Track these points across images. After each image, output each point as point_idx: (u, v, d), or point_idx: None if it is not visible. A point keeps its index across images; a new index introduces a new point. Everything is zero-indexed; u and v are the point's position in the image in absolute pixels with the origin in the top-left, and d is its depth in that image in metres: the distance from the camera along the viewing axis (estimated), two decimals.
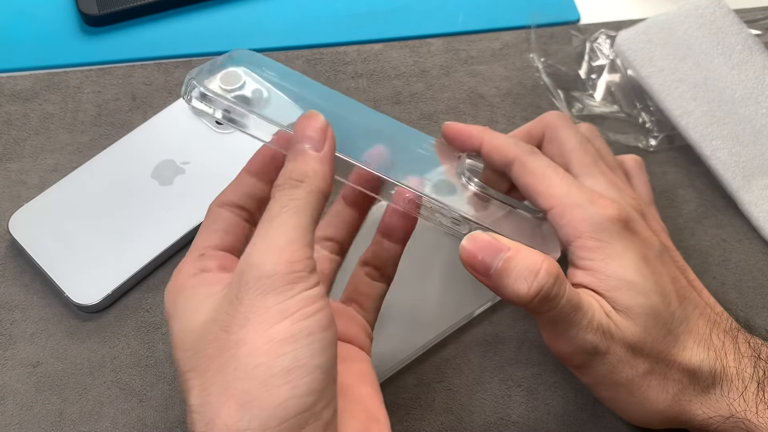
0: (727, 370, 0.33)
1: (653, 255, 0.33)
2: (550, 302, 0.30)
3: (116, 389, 0.38)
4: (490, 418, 0.38)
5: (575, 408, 0.38)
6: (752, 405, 0.32)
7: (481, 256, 0.30)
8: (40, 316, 0.40)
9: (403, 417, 0.38)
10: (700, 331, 0.33)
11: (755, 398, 0.32)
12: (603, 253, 0.32)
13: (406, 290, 0.40)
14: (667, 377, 0.32)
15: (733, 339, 0.34)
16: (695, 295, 0.34)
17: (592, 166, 0.35)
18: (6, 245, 0.42)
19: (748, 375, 0.32)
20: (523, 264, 0.30)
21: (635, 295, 0.31)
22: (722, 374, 0.32)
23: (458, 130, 0.36)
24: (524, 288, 0.30)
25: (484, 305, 0.40)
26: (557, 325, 0.31)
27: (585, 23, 0.53)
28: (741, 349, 0.33)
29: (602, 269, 0.32)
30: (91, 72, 0.49)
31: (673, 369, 0.32)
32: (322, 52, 0.51)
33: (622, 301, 0.31)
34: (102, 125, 0.47)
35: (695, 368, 0.32)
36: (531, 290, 0.30)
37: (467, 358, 0.39)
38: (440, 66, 0.50)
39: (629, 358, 0.31)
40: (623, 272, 0.31)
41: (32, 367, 0.38)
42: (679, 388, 0.32)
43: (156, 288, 0.41)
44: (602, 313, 0.31)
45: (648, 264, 0.32)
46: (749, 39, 0.47)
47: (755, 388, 0.32)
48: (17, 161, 0.45)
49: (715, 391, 0.33)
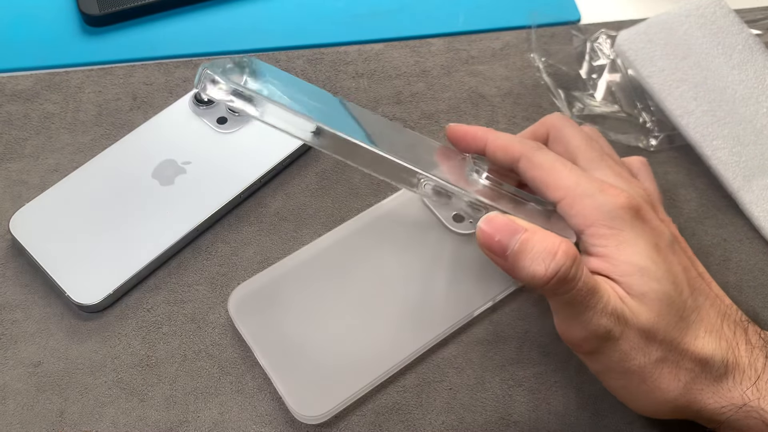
0: (739, 360, 0.32)
1: (664, 244, 0.33)
2: (567, 284, 0.30)
3: (117, 389, 0.38)
4: (491, 417, 0.38)
5: (576, 407, 0.38)
6: (766, 394, 0.32)
7: (498, 237, 0.31)
8: (41, 315, 0.40)
9: (403, 417, 0.38)
10: (711, 321, 0.33)
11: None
12: (616, 240, 0.32)
13: (406, 290, 0.40)
14: (679, 366, 0.32)
15: (744, 330, 0.34)
16: (705, 286, 0.34)
17: (599, 161, 0.35)
18: (7, 245, 0.42)
19: (761, 365, 0.32)
20: (541, 245, 0.30)
21: (649, 280, 0.31)
22: (734, 364, 0.32)
23: (462, 131, 0.37)
24: (541, 269, 0.30)
25: (484, 305, 0.40)
26: (572, 309, 0.31)
27: (585, 23, 0.53)
28: (752, 341, 0.33)
29: (616, 255, 0.32)
30: (91, 72, 0.49)
31: (685, 357, 0.32)
32: (322, 52, 0.51)
33: (637, 287, 0.31)
34: (103, 125, 0.47)
35: (708, 357, 0.32)
36: (549, 271, 0.30)
37: (468, 357, 0.39)
38: (441, 66, 0.50)
39: (642, 344, 0.31)
40: (637, 258, 0.31)
41: (33, 367, 0.38)
42: (691, 377, 0.32)
43: (157, 288, 0.41)
44: (617, 298, 0.31)
45: (660, 252, 0.32)
46: (750, 39, 0.47)
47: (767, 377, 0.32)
48: (18, 161, 0.45)
49: (728, 380, 0.32)
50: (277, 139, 0.45)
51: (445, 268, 0.41)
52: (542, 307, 0.41)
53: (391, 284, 0.40)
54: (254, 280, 0.40)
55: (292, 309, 0.39)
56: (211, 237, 0.43)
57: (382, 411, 0.38)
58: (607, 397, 0.38)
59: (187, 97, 0.47)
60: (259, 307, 0.39)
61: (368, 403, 0.38)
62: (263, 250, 0.42)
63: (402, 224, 0.42)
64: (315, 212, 0.44)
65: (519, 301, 0.41)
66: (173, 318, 0.40)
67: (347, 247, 0.41)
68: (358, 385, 0.37)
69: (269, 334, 0.38)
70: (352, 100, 0.49)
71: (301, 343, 0.38)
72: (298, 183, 0.45)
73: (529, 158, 0.34)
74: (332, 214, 0.44)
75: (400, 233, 0.42)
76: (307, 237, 0.43)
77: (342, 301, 0.39)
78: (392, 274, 0.40)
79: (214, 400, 0.38)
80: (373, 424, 0.37)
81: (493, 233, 0.31)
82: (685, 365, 0.32)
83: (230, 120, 0.46)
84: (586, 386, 0.39)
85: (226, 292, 0.41)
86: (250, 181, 0.44)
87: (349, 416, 0.37)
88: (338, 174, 0.45)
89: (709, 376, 0.32)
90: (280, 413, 0.37)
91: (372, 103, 0.49)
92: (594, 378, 0.39)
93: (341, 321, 0.39)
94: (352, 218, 0.42)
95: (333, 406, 0.36)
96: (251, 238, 0.43)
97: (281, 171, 0.45)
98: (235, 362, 0.39)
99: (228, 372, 0.39)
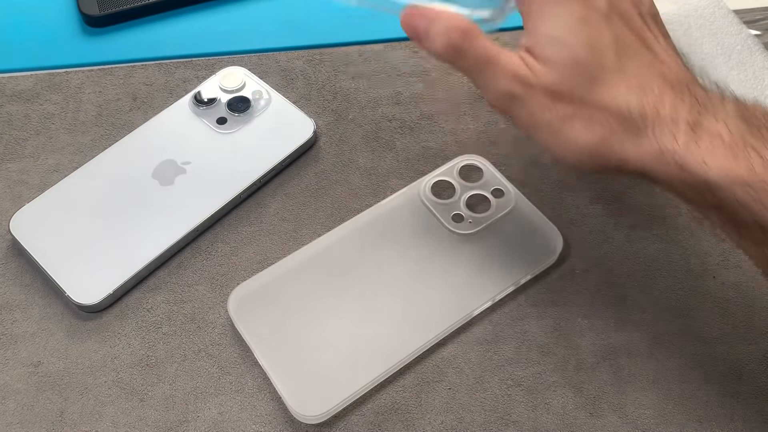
0: (662, 113, 0.33)
1: (596, 16, 0.35)
2: (461, 55, 0.35)
3: (117, 389, 0.38)
4: (490, 417, 0.38)
5: (575, 407, 0.38)
6: (683, 141, 0.33)
7: (413, 23, 0.36)
8: (41, 315, 0.40)
9: (402, 417, 0.38)
10: (639, 81, 0.34)
11: (686, 137, 0.33)
12: (540, 14, 0.35)
13: (405, 290, 0.40)
14: (592, 120, 0.34)
15: (675, 88, 0.34)
16: (645, 52, 0.35)
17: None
18: (7, 245, 0.42)
19: (683, 118, 0.33)
20: (441, 25, 0.35)
21: (558, 48, 0.34)
22: (655, 116, 0.33)
23: None
24: (436, 44, 0.35)
25: (483, 305, 0.40)
26: (475, 75, 0.36)
27: None
28: (684, 98, 0.34)
29: (533, 29, 0.35)
30: (91, 72, 0.49)
31: (597, 112, 0.34)
32: (322, 53, 0.51)
33: (544, 54, 0.34)
34: (103, 125, 0.47)
35: (622, 111, 0.34)
36: (441, 45, 0.35)
37: (467, 357, 0.39)
38: (440, 66, 0.50)
39: (549, 103, 0.34)
40: (552, 30, 0.34)
41: (33, 367, 0.39)
42: (608, 131, 0.34)
43: (157, 288, 0.41)
44: (521, 64, 0.35)
45: (585, 24, 0.34)
46: (749, 39, 0.47)
47: (686, 127, 0.33)
48: (18, 161, 0.45)
49: (647, 133, 0.33)
50: (277, 139, 0.45)
51: (443, 268, 0.41)
52: (541, 307, 0.41)
53: (390, 284, 0.40)
54: (254, 280, 0.40)
55: (291, 309, 0.39)
56: (211, 237, 0.43)
57: (382, 411, 0.38)
58: (607, 396, 0.38)
59: (187, 98, 0.47)
60: (259, 307, 0.39)
61: (367, 402, 0.38)
62: (263, 250, 0.42)
63: (401, 224, 0.42)
64: (315, 212, 0.44)
65: (518, 301, 0.41)
66: (173, 318, 0.40)
67: (347, 248, 0.41)
68: (357, 385, 0.37)
69: (269, 334, 0.38)
70: (352, 101, 0.49)
71: (301, 343, 0.38)
72: (298, 183, 0.45)
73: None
74: (332, 214, 0.44)
75: (399, 233, 0.42)
76: (307, 237, 0.43)
77: (341, 301, 0.40)
78: (391, 274, 0.40)
79: (214, 399, 0.38)
80: (373, 424, 0.37)
81: (409, 20, 0.36)
82: (598, 119, 0.34)
83: (230, 120, 0.46)
84: (585, 386, 0.39)
85: (226, 292, 0.41)
86: (250, 182, 0.44)
87: (348, 416, 0.38)
88: (338, 174, 0.46)
89: (628, 130, 0.34)
90: (279, 413, 0.37)
91: (372, 104, 0.49)
92: (593, 378, 0.39)
93: (340, 321, 0.39)
94: (351, 218, 0.42)
95: (332, 406, 0.36)
96: (251, 238, 0.43)
97: (281, 171, 0.45)
98: (235, 362, 0.39)
99: (228, 372, 0.39)
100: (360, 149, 0.47)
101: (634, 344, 0.40)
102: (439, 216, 0.42)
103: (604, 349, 0.40)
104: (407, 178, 0.45)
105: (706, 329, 0.40)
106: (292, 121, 0.46)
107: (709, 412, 0.38)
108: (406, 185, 0.44)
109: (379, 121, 0.48)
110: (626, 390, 0.38)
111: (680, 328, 0.40)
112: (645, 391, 0.38)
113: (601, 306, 0.41)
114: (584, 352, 0.40)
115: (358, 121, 0.48)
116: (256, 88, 0.48)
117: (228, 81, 0.47)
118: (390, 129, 0.48)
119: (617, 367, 0.39)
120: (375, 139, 0.47)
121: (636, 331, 0.40)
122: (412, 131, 0.47)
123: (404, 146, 0.47)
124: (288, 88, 0.49)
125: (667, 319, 0.41)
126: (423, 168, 0.46)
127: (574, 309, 0.41)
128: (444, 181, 0.44)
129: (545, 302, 0.41)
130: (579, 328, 0.40)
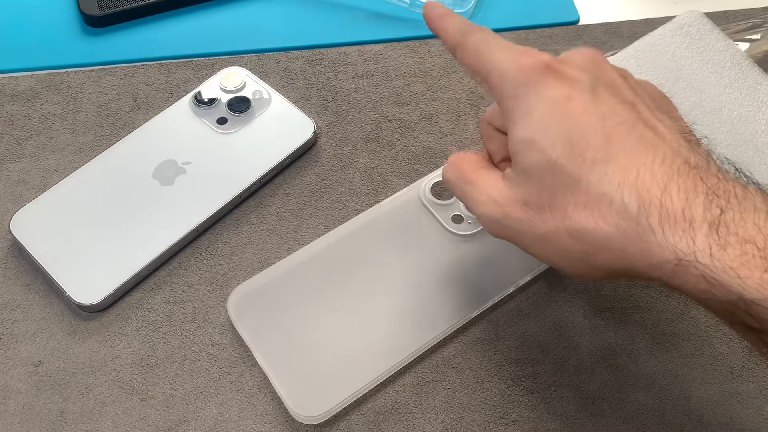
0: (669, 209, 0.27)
1: (579, 93, 0.30)
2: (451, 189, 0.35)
3: (117, 388, 0.38)
4: (490, 417, 0.38)
5: (575, 407, 0.38)
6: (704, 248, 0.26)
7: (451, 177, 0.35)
8: (42, 315, 0.40)
9: (402, 417, 0.38)
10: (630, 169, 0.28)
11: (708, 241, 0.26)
12: (518, 113, 0.31)
13: (407, 290, 0.40)
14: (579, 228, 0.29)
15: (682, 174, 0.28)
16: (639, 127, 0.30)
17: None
18: (7, 245, 0.42)
19: (699, 215, 0.27)
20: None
21: (530, 153, 0.30)
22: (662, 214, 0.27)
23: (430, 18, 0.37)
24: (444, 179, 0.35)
25: (484, 305, 0.40)
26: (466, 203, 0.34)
27: (584, 23, 0.53)
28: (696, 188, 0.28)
29: (513, 133, 0.31)
30: (92, 72, 0.49)
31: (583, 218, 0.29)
32: (322, 53, 0.51)
33: (520, 163, 0.31)
34: (103, 126, 0.47)
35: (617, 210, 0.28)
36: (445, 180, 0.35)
37: (467, 357, 0.40)
38: (440, 66, 0.51)
39: (533, 215, 0.30)
40: (525, 132, 0.30)
41: (34, 367, 0.39)
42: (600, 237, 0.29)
43: (157, 288, 0.41)
44: (495, 185, 0.32)
45: (566, 108, 0.30)
46: (736, 54, 0.46)
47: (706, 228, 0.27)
48: (19, 161, 0.45)
49: (654, 235, 0.27)
50: (278, 140, 0.45)
51: (443, 268, 0.41)
52: (541, 307, 0.41)
53: (390, 284, 0.40)
54: (254, 280, 0.40)
55: (291, 309, 0.39)
56: (211, 237, 0.43)
57: (382, 411, 0.38)
58: (607, 396, 0.38)
59: (188, 98, 0.47)
60: (259, 307, 0.39)
61: (367, 402, 0.38)
62: (263, 250, 0.43)
63: (401, 225, 0.42)
64: (315, 212, 0.44)
65: (518, 301, 0.41)
66: (173, 318, 0.40)
67: (347, 248, 0.41)
68: (357, 385, 0.37)
69: (269, 334, 0.38)
70: (352, 101, 0.49)
71: (301, 343, 0.38)
72: (298, 183, 0.45)
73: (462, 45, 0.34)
74: (332, 214, 0.44)
75: (399, 234, 0.42)
76: (307, 237, 0.43)
77: (341, 302, 0.40)
78: (391, 275, 0.40)
79: (214, 399, 0.38)
80: (373, 424, 0.37)
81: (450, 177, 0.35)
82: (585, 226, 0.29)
83: (230, 120, 0.46)
84: (585, 386, 0.39)
85: (225, 292, 0.41)
86: (250, 182, 0.44)
87: (348, 416, 0.38)
88: (338, 174, 0.46)
89: (626, 233, 0.28)
90: (279, 413, 0.38)
91: (372, 104, 0.49)
92: (593, 378, 0.39)
93: (340, 321, 0.39)
94: (351, 218, 0.42)
95: (332, 407, 0.36)
96: (251, 238, 0.43)
97: (281, 171, 0.45)
98: (235, 362, 0.39)
99: (228, 372, 0.39)
100: (360, 149, 0.47)
101: (634, 344, 0.40)
102: (438, 217, 0.42)
103: (604, 349, 0.40)
104: (407, 178, 0.45)
105: (706, 329, 0.40)
106: (292, 121, 0.46)
107: (709, 412, 0.38)
108: (406, 185, 0.44)
109: (379, 121, 0.48)
110: (626, 390, 0.39)
111: (680, 328, 0.40)
112: (645, 391, 0.38)
113: (601, 306, 0.41)
114: (584, 352, 0.40)
115: (358, 121, 0.48)
116: (257, 88, 0.48)
117: (228, 81, 0.48)
118: (390, 129, 0.48)
119: (617, 367, 0.39)
120: (375, 139, 0.47)
121: (636, 331, 0.40)
122: (412, 131, 0.48)
123: (404, 146, 0.47)
124: (288, 88, 0.49)
125: (667, 319, 0.41)
126: (423, 168, 0.46)
127: (574, 309, 0.41)
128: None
129: (545, 302, 0.41)
130: (579, 328, 0.40)
